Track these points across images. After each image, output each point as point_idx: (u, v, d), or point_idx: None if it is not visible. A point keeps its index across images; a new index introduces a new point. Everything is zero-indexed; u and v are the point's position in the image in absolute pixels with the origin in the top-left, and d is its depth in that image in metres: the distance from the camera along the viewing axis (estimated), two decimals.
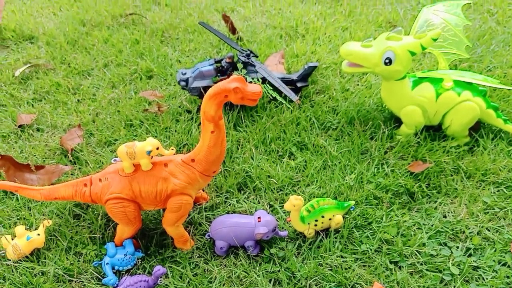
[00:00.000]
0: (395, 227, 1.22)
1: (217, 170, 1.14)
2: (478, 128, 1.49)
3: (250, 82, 0.99)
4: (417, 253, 1.17)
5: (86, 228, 1.24)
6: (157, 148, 1.07)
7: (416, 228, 1.23)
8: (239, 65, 1.55)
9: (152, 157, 1.10)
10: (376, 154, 1.43)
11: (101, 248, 1.19)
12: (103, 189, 1.11)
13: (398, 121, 1.51)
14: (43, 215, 1.29)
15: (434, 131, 1.48)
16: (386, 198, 1.30)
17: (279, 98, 1.55)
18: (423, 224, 1.25)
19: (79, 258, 1.17)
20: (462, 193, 1.31)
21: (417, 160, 1.41)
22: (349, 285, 1.10)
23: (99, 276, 1.13)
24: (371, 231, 1.22)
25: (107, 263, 1.12)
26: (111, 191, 1.10)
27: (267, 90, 1.54)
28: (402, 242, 1.19)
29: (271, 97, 1.58)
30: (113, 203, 1.10)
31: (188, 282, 1.12)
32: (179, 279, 1.13)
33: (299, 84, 1.62)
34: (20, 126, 1.58)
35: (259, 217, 1.17)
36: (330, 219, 1.19)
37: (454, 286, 1.10)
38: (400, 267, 1.15)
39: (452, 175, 1.36)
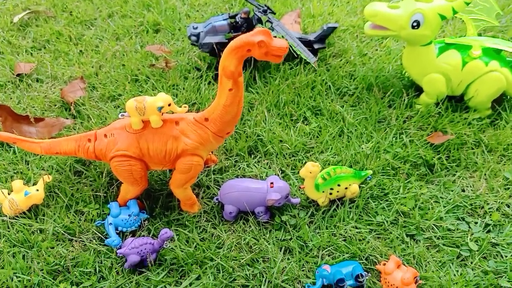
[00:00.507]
0: (412, 200, 1.17)
1: (231, 131, 1.07)
2: (501, 101, 1.42)
3: (275, 36, 0.90)
4: (434, 227, 1.12)
5: (88, 186, 1.17)
6: (169, 105, 0.99)
7: (434, 202, 1.18)
8: (264, 18, 1.45)
9: (162, 113, 1.02)
10: (394, 123, 1.36)
11: (103, 208, 1.13)
12: (108, 146, 1.04)
13: (418, 90, 1.43)
14: (43, 169, 1.22)
15: (456, 102, 1.41)
16: (404, 169, 1.24)
17: (303, 57, 1.46)
18: (441, 197, 1.19)
19: (80, 216, 1.12)
20: (482, 167, 1.26)
21: (437, 131, 1.34)
22: (363, 256, 1.06)
23: (102, 236, 1.08)
24: (387, 203, 1.17)
25: (110, 223, 1.06)
26: (117, 148, 1.03)
27: (291, 46, 1.45)
28: (419, 215, 1.14)
29: (295, 55, 1.49)
30: (118, 160, 1.03)
31: (195, 246, 1.07)
32: (186, 243, 1.08)
33: (316, 46, 1.53)
34: (18, 75, 1.48)
35: (271, 183, 1.11)
36: (346, 188, 1.14)
37: (472, 262, 1.06)
38: (416, 241, 1.10)
39: (473, 148, 1.30)
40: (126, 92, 1.41)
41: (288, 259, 1.06)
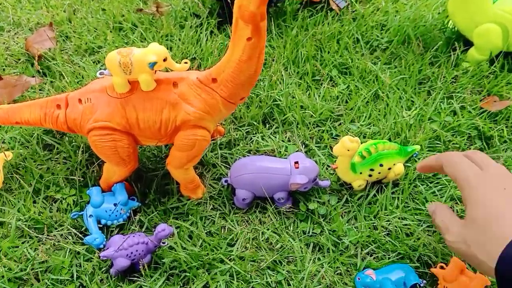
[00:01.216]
0: None
1: (246, 95, 0.81)
2: None
3: None
4: None
5: (61, 164, 0.92)
6: (165, 60, 0.73)
7: None
8: None
9: (156, 72, 0.76)
10: (439, 85, 1.11)
11: (82, 193, 0.88)
12: (84, 114, 0.78)
13: (467, 44, 1.17)
14: (3, 143, 0.96)
15: None
16: (456, 143, 1.00)
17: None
18: None
19: (51, 205, 0.87)
20: None
21: (491, 96, 1.10)
22: (414, 256, 0.84)
23: (79, 235, 0.84)
24: (439, 186, 0.94)
25: (91, 215, 0.82)
26: (96, 118, 0.77)
27: None
28: None
29: None
30: (98, 135, 0.78)
31: (201, 244, 0.83)
32: (188, 239, 0.84)
33: None
34: None
35: (296, 162, 0.87)
36: (389, 168, 0.90)
37: None
38: None
39: None
40: (108, 44, 1.12)
41: (319, 259, 0.84)
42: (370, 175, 0.90)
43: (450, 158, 0.70)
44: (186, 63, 0.76)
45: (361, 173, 0.88)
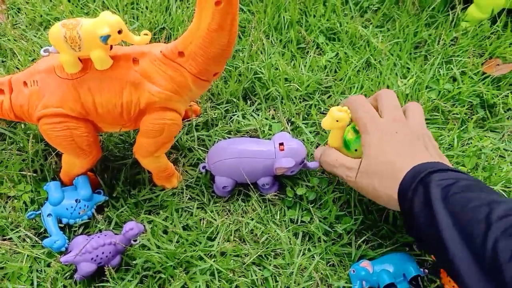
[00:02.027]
0: (473, 157, 0.85)
1: (220, 70, 0.70)
2: None
3: None
4: (503, 193, 0.82)
5: (15, 156, 0.81)
6: (120, 32, 0.61)
7: (498, 156, 0.87)
8: None
9: (111, 46, 0.65)
10: (436, 49, 1.00)
11: (39, 189, 0.78)
12: (31, 100, 0.67)
13: (466, 1, 1.06)
14: None
15: None
16: (457, 113, 0.91)
17: None
18: (506, 150, 0.88)
19: (5, 204, 0.77)
20: None
21: (494, 58, 1.00)
22: (414, 244, 0.76)
23: (36, 238, 0.74)
24: None
25: (49, 215, 0.72)
26: (45, 104, 0.66)
27: None
28: (482, 178, 0.83)
29: None
30: (50, 123, 0.67)
31: (178, 241, 0.74)
32: (163, 235, 0.75)
33: None
34: None
35: (280, 143, 0.77)
36: None
37: None
38: None
39: None
40: (65, 15, 0.99)
41: (310, 250, 0.76)
42: None
43: (353, 104, 0.73)
44: (146, 34, 0.65)
45: (356, 150, 0.78)
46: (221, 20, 0.60)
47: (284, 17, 1.02)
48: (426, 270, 0.72)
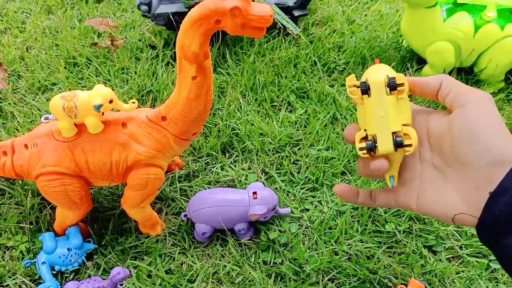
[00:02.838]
0: None
1: (199, 131, 0.81)
2: None
3: (253, 0, 0.63)
4: (455, 233, 0.91)
5: (13, 210, 0.89)
6: (110, 101, 0.72)
7: None
8: None
9: (103, 113, 0.75)
10: None
11: (34, 239, 0.85)
12: (31, 160, 0.76)
13: (421, 62, 1.20)
14: None
15: (466, 74, 1.19)
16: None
17: (288, 26, 1.17)
18: None
19: (3, 254, 0.84)
20: None
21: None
22: (375, 280, 0.84)
23: (31, 284, 0.81)
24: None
25: (44, 262, 0.80)
26: (44, 163, 0.75)
27: (275, 14, 1.16)
28: (436, 220, 0.92)
29: (281, 25, 1.20)
30: (47, 180, 0.76)
31: (160, 283, 0.82)
32: (147, 278, 0.83)
33: (296, 13, 1.26)
34: None
35: (254, 192, 0.87)
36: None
37: (503, 275, 0.86)
38: (436, 253, 0.89)
39: None
40: (62, 81, 1.11)
41: None
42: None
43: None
44: (134, 102, 0.76)
45: None
46: (198, 90, 0.72)
47: (259, 79, 1.14)
48: None
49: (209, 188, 0.96)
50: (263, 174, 1.00)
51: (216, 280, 0.84)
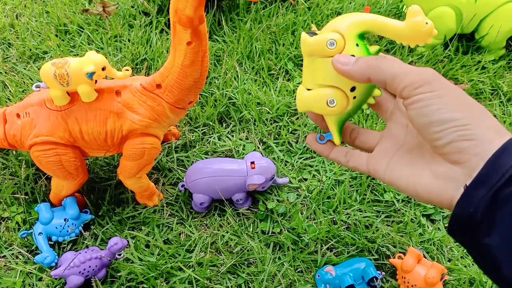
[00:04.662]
0: None
1: (195, 99, 0.79)
2: None
3: None
4: None
5: (8, 181, 0.88)
6: (103, 68, 0.69)
7: None
8: None
9: (96, 81, 0.73)
10: None
11: (30, 210, 0.85)
12: (23, 130, 0.75)
13: None
14: None
15: (467, 41, 1.16)
16: None
17: None
18: None
19: None
20: (502, 121, 1.04)
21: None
22: (373, 249, 0.84)
23: (28, 255, 0.81)
24: None
25: (40, 233, 0.79)
26: (36, 133, 0.74)
27: None
28: None
29: None
30: (41, 150, 0.74)
31: (159, 253, 0.82)
32: (145, 248, 0.82)
33: None
34: None
35: (252, 162, 0.86)
36: None
37: None
38: (434, 221, 0.89)
39: (490, 100, 1.08)
40: (53, 49, 1.07)
41: (280, 258, 0.83)
42: None
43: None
44: (127, 70, 0.73)
45: None
46: (193, 57, 0.69)
47: (255, 46, 1.11)
48: (383, 273, 0.80)
49: (206, 158, 0.94)
50: (261, 144, 0.98)
51: (215, 249, 0.84)
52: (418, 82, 0.35)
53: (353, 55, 0.39)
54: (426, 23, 0.38)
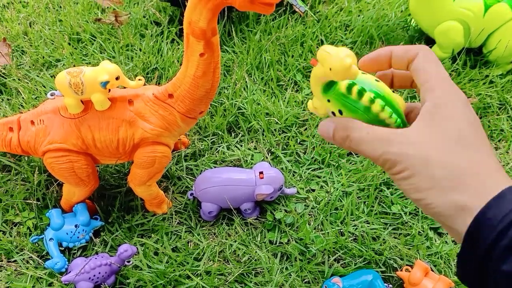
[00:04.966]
0: None
1: (206, 109, 0.80)
2: None
3: None
4: None
5: (20, 186, 0.89)
6: (117, 78, 0.71)
7: None
8: None
9: (109, 90, 0.74)
10: None
11: (42, 216, 0.86)
12: (37, 136, 0.76)
13: (429, 42, 1.18)
14: None
15: (475, 55, 1.17)
16: None
17: (299, 3, 1.16)
18: None
19: (10, 230, 0.84)
20: (510, 136, 1.04)
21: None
22: (380, 261, 0.84)
23: (39, 260, 0.82)
24: None
25: (51, 239, 0.80)
26: (50, 140, 0.75)
27: None
28: None
29: (288, 2, 1.18)
30: (54, 156, 0.76)
31: (167, 261, 0.82)
32: (154, 256, 0.83)
33: None
34: None
35: (260, 172, 0.87)
36: None
37: None
38: (441, 235, 0.89)
39: (498, 114, 1.08)
40: (66, 57, 1.09)
41: (287, 268, 0.84)
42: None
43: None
44: (140, 79, 0.74)
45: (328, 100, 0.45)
46: (205, 68, 0.70)
47: (265, 57, 1.12)
48: (391, 285, 0.80)
49: (215, 167, 0.95)
50: (269, 154, 0.99)
51: (223, 258, 0.84)
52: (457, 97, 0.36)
53: (333, 112, 0.40)
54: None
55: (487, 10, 1.08)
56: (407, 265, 0.84)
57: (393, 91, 0.41)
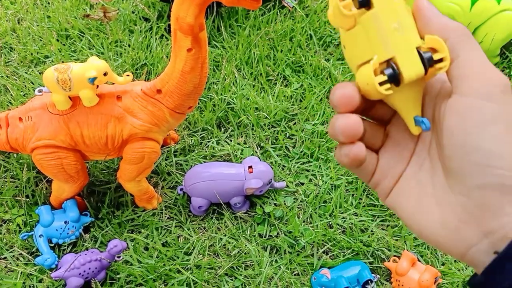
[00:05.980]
0: None
1: (194, 104, 0.80)
2: (508, 46, 1.21)
3: None
4: None
5: (9, 183, 0.89)
6: (105, 74, 0.71)
7: None
8: None
9: (97, 86, 0.74)
10: None
11: (31, 212, 0.86)
12: (25, 133, 0.76)
13: None
14: None
15: None
16: None
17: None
18: None
19: (0, 227, 0.84)
20: None
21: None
22: (368, 252, 0.86)
23: (29, 257, 0.82)
24: None
25: (41, 235, 0.80)
26: (38, 137, 0.75)
27: None
28: None
29: None
30: (42, 153, 0.76)
31: (157, 256, 0.83)
32: (144, 251, 0.84)
33: None
34: None
35: (249, 166, 0.87)
36: None
37: None
38: None
39: None
40: (54, 53, 1.09)
41: (276, 261, 0.85)
42: None
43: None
44: (128, 75, 0.75)
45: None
46: (193, 63, 0.71)
47: (254, 52, 1.13)
48: (378, 276, 0.82)
49: (204, 162, 0.96)
50: (259, 148, 1.00)
51: (213, 252, 0.85)
52: (495, 81, 0.28)
53: None
54: None
55: (474, 4, 1.09)
56: (394, 255, 0.85)
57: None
